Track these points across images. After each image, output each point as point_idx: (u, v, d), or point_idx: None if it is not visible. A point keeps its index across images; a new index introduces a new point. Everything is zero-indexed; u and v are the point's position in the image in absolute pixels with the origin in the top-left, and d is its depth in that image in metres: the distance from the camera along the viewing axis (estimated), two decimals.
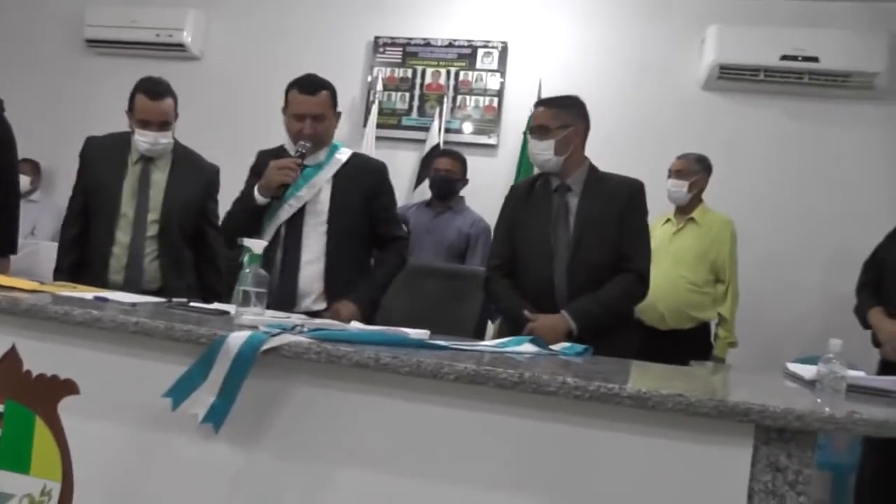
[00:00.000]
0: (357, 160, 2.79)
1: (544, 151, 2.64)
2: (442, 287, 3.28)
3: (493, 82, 4.86)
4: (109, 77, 5.17)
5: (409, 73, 4.99)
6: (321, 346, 1.68)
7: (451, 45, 4.93)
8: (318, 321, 2.07)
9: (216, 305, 2.16)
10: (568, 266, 2.58)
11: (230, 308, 2.06)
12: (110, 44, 5.29)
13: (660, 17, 4.67)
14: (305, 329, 1.81)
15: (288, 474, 1.74)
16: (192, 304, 2.17)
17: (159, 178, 2.92)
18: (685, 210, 3.78)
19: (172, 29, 5.10)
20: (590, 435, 1.58)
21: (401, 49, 5.00)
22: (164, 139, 2.88)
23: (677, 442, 1.53)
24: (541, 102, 2.82)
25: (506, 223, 2.79)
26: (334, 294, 2.64)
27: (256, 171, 2.72)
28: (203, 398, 1.70)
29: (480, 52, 4.88)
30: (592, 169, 2.72)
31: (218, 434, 1.71)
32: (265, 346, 1.67)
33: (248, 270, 2.01)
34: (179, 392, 1.71)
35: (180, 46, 5.17)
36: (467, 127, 4.89)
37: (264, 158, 2.71)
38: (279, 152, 2.75)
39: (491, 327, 3.68)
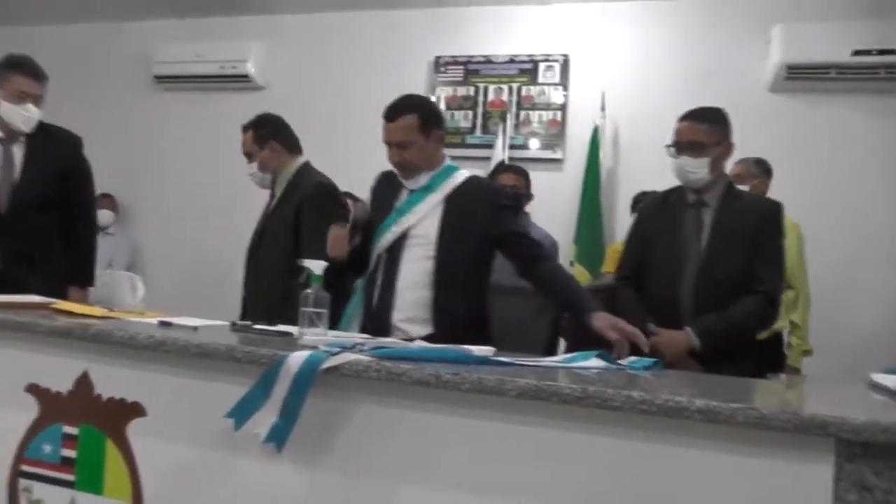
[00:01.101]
0: (472, 182, 2.58)
1: (699, 169, 2.57)
2: (512, 305, 3.21)
3: (555, 96, 4.82)
4: (177, 111, 5.36)
5: (472, 90, 4.99)
6: (381, 364, 1.66)
7: (511, 60, 4.91)
8: (386, 340, 2.05)
9: (279, 327, 2.16)
10: (696, 282, 2.52)
11: (293, 329, 2.06)
12: (177, 79, 5.49)
13: (722, 20, 4.57)
14: (366, 347, 1.79)
15: (351, 493, 1.72)
16: (255, 326, 2.18)
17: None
18: None
19: (237, 61, 5.26)
20: (658, 451, 1.51)
21: (462, 67, 5.02)
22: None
23: (752, 458, 1.44)
24: (689, 116, 2.65)
25: (637, 236, 2.78)
26: (445, 322, 2.45)
27: (374, 192, 2.68)
28: (265, 418, 1.70)
29: (542, 66, 4.85)
30: (731, 185, 2.67)
31: (281, 454, 1.71)
32: (325, 365, 1.66)
33: (309, 291, 2.00)
34: (241, 412, 1.71)
35: (244, 77, 5.32)
36: (532, 142, 4.85)
37: (380, 180, 2.68)
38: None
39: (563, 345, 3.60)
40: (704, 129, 2.57)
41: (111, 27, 5.89)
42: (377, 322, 2.48)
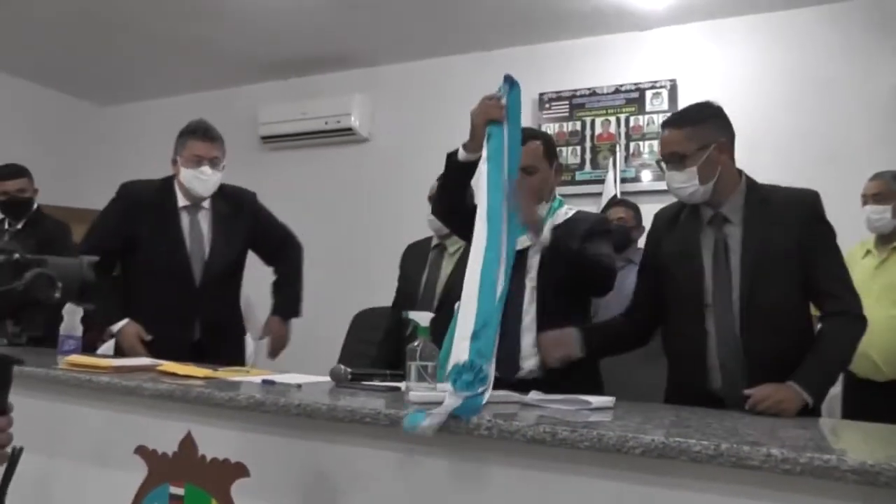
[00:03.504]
0: (579, 216, 2.47)
1: (686, 183, 2.14)
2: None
3: None
4: (282, 169, 5.44)
5: (578, 125, 4.84)
6: (493, 422, 1.55)
7: (617, 90, 4.74)
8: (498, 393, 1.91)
9: (386, 384, 2.05)
10: (741, 320, 2.07)
11: (400, 385, 1.96)
12: (282, 137, 5.63)
13: (840, 27, 4.24)
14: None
15: None
16: (363, 382, 2.08)
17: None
18: (889, 238, 3.29)
19: (340, 115, 5.33)
20: None
21: (567, 102, 4.88)
22: None
23: None
24: (666, 123, 2.26)
25: (648, 261, 2.38)
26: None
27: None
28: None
29: (649, 94, 4.65)
30: (751, 187, 2.19)
31: None
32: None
33: (417, 344, 1.88)
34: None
35: (349, 131, 5.38)
36: (643, 174, 4.63)
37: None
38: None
39: None
40: (683, 136, 2.15)
41: (219, 95, 6.12)
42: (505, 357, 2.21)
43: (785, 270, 2.07)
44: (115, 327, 2.80)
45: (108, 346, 3.99)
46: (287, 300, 3.06)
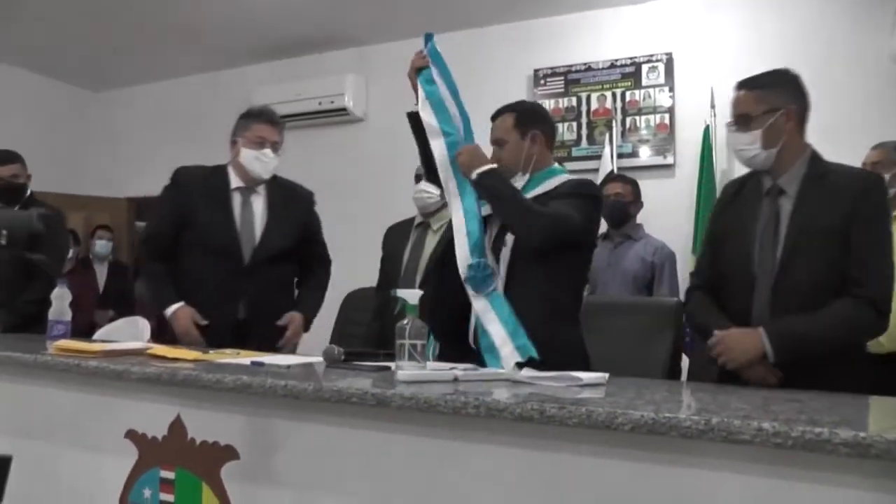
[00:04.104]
0: (568, 182, 2.38)
1: (749, 146, 2.11)
2: (630, 323, 2.99)
3: (662, 98, 4.56)
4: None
5: (574, 101, 4.81)
6: (480, 400, 1.52)
7: (612, 65, 4.69)
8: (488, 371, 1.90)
9: (376, 363, 2.03)
10: (773, 291, 2.04)
11: (390, 364, 1.93)
12: None
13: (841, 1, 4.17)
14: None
15: None
16: (353, 361, 2.07)
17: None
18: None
19: (334, 95, 5.31)
20: (795, 490, 1.28)
21: (562, 78, 4.84)
22: None
23: None
24: (739, 84, 2.22)
25: (709, 232, 2.34)
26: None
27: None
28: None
29: (645, 67, 4.60)
30: (814, 161, 2.13)
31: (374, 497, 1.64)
32: None
33: (406, 322, 1.86)
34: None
35: (343, 111, 5.36)
36: (641, 149, 4.60)
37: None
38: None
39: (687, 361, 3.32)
40: (752, 98, 2.13)
41: (212, 77, 6.10)
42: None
43: (825, 248, 2.00)
44: (169, 311, 2.77)
45: (105, 331, 3.99)
46: (311, 301, 3.05)
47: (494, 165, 2.27)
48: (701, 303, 2.22)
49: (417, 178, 3.22)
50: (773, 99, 2.11)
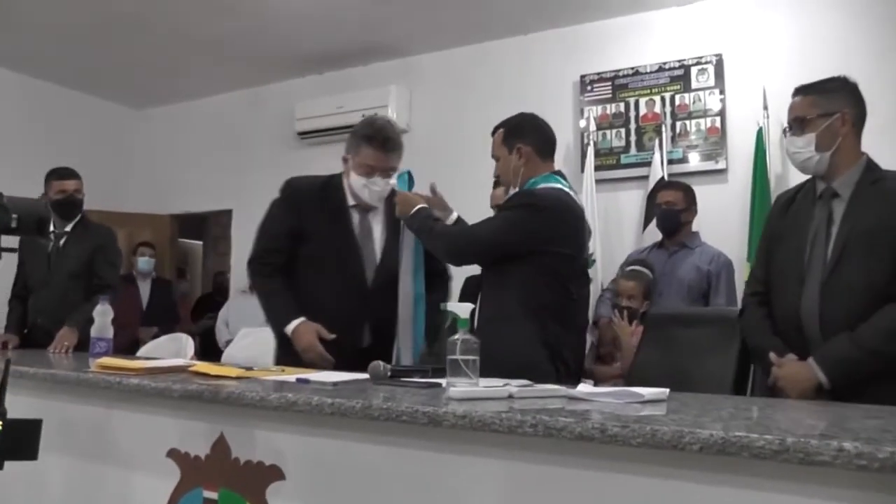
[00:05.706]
0: (513, 196, 2.50)
1: (803, 149, 2.14)
2: (690, 335, 2.84)
3: (712, 101, 4.41)
4: (320, 164, 5.36)
5: (622, 107, 4.68)
6: (538, 419, 1.43)
7: (661, 68, 4.56)
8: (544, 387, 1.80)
9: (426, 379, 1.94)
10: (821, 292, 2.04)
11: (440, 381, 1.85)
12: (319, 132, 5.59)
13: None
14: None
15: None
16: (403, 378, 1.97)
17: None
18: None
19: (377, 107, 5.20)
20: None
21: (609, 83, 4.72)
22: None
23: None
24: (797, 90, 2.27)
25: (763, 240, 2.33)
26: None
27: None
28: None
29: (694, 70, 4.46)
30: (870, 167, 2.14)
31: None
32: None
33: (457, 337, 1.77)
34: None
35: None
36: (691, 155, 4.45)
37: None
38: None
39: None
40: (808, 102, 2.16)
41: (255, 92, 6.12)
42: None
43: (875, 250, 2.00)
44: (290, 326, 2.54)
45: (149, 347, 3.97)
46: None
47: (422, 205, 2.51)
48: (754, 318, 2.23)
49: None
50: (828, 103, 2.14)
